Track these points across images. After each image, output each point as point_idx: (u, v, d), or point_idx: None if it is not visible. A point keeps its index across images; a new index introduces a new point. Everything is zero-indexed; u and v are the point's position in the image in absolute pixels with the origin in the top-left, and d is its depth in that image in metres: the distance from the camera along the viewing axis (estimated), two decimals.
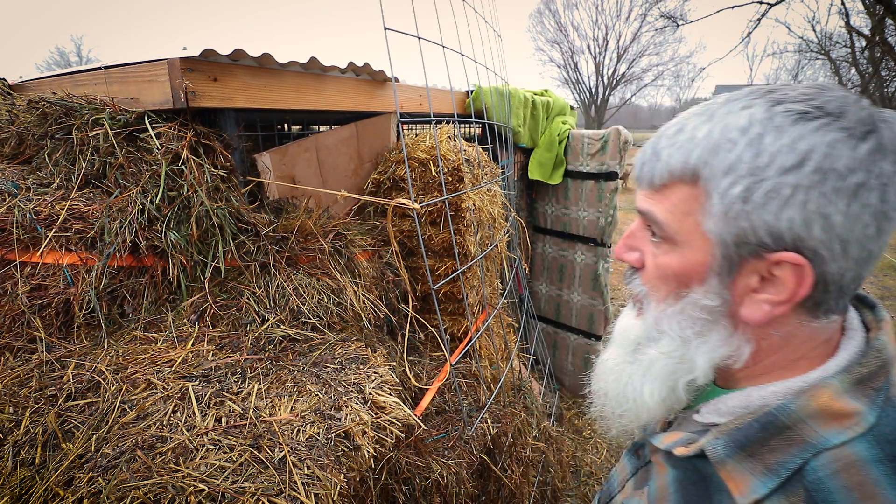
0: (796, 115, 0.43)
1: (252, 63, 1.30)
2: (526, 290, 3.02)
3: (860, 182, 0.41)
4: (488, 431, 1.61)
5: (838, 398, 0.45)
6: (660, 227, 0.52)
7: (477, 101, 2.45)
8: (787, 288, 0.45)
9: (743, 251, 0.47)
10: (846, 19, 14.25)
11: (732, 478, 0.47)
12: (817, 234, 0.43)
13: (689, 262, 0.50)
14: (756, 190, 0.44)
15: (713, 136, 0.46)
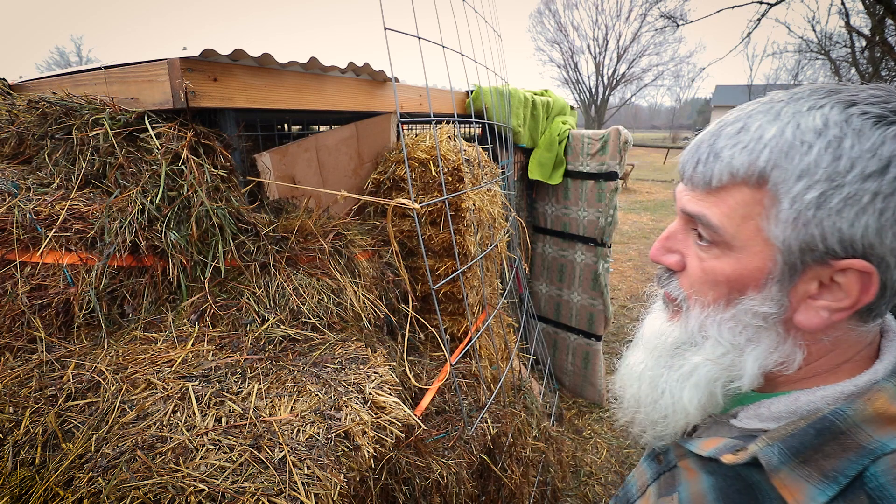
0: (875, 119, 0.42)
1: (252, 63, 1.30)
2: (526, 290, 3.02)
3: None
4: (488, 431, 1.61)
5: (893, 402, 0.44)
6: (714, 230, 0.49)
7: (477, 101, 2.45)
8: (850, 295, 0.44)
9: (808, 258, 0.45)
10: (846, 19, 14.25)
11: (786, 486, 0.45)
12: (889, 243, 0.42)
13: (745, 267, 0.48)
14: (833, 196, 0.42)
15: (785, 137, 0.44)
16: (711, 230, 0.50)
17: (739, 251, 0.48)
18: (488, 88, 2.39)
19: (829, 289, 0.46)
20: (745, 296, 0.49)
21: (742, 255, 0.48)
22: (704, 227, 0.50)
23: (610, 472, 2.68)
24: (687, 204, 0.52)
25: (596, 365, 3.25)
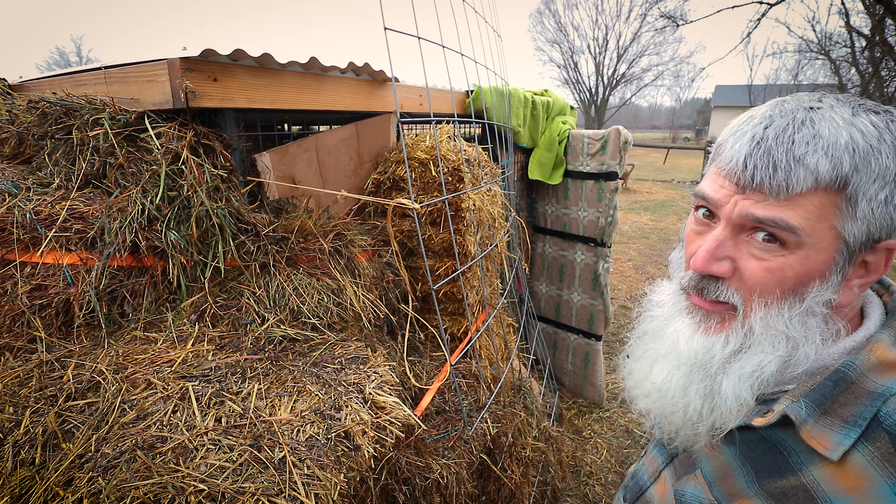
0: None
1: (252, 63, 1.30)
2: (526, 290, 3.02)
3: None
4: (488, 431, 1.62)
5: (891, 349, 0.51)
6: (792, 232, 0.51)
7: (477, 101, 2.45)
8: (878, 270, 0.52)
9: (863, 246, 0.51)
10: (846, 19, 14.25)
11: (814, 437, 0.50)
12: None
13: (813, 261, 0.51)
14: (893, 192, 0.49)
15: (860, 144, 0.48)
16: (789, 232, 0.51)
17: (808, 248, 0.51)
18: (488, 88, 2.39)
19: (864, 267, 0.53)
20: (810, 287, 0.53)
21: (810, 251, 0.51)
22: (781, 229, 0.51)
23: (610, 472, 2.68)
24: (756, 210, 0.52)
25: (596, 365, 3.25)
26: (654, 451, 0.73)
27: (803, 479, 0.51)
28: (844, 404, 0.50)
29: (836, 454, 0.48)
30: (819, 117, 0.49)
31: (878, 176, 0.48)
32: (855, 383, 0.50)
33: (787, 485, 0.51)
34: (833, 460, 0.48)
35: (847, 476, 0.48)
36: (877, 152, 0.47)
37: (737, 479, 0.56)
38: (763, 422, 0.54)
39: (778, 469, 0.53)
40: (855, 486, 0.47)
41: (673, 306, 0.65)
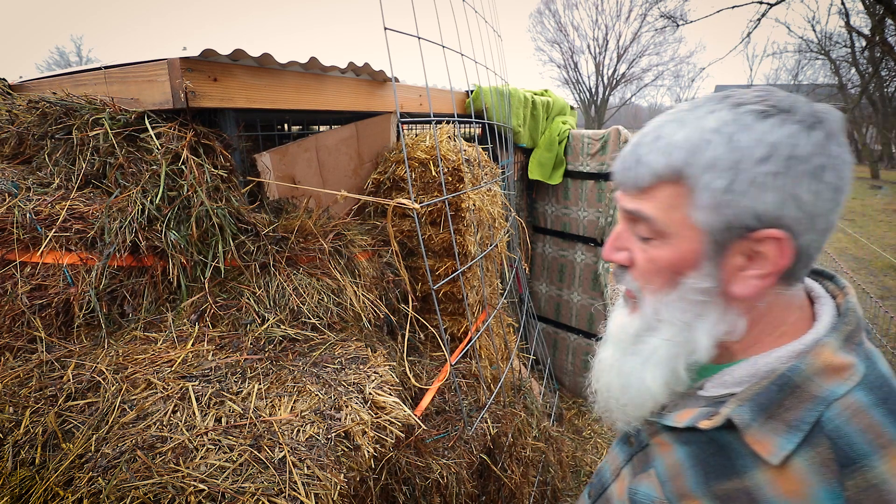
0: (757, 114, 0.50)
1: (252, 63, 1.30)
2: (526, 290, 3.02)
3: (821, 164, 0.48)
4: (488, 431, 1.62)
5: (836, 354, 0.51)
6: (650, 223, 0.56)
7: (477, 101, 2.45)
8: (771, 261, 0.51)
9: (730, 234, 0.52)
10: (846, 19, 14.24)
11: (758, 440, 0.51)
12: (792, 212, 0.49)
13: (681, 251, 0.55)
14: (737, 181, 0.50)
15: (691, 139, 0.52)
16: (649, 223, 0.56)
17: (674, 238, 0.55)
18: (488, 88, 2.39)
19: (755, 260, 0.53)
20: (685, 276, 0.56)
21: (676, 241, 0.55)
22: (643, 221, 0.57)
23: None
24: (625, 203, 0.59)
25: None
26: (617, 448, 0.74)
27: (747, 482, 0.51)
28: (790, 408, 0.50)
29: (776, 459, 0.49)
30: (671, 120, 0.55)
31: (709, 166, 0.50)
32: (800, 387, 0.50)
33: (732, 487, 0.52)
34: (774, 465, 0.49)
35: (788, 481, 0.48)
36: (706, 143, 0.50)
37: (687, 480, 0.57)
38: (709, 424, 0.55)
39: (724, 471, 0.54)
40: (794, 491, 0.48)
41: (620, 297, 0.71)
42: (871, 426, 0.47)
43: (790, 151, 0.48)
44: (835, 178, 0.49)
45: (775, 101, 0.50)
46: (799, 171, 0.48)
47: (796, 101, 0.51)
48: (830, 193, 0.49)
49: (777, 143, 0.48)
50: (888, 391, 0.49)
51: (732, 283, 0.54)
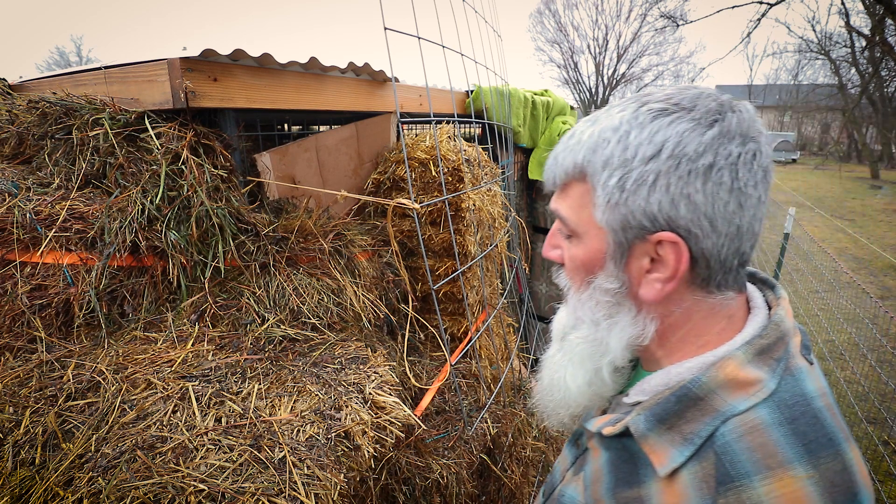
0: (655, 113, 0.49)
1: (252, 63, 1.30)
2: (526, 290, 3.02)
3: (709, 163, 0.47)
4: (488, 431, 1.62)
5: (742, 368, 0.49)
6: (565, 222, 0.57)
7: (477, 101, 2.45)
8: (670, 265, 0.50)
9: (629, 235, 0.52)
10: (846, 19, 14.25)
11: (654, 451, 0.50)
12: (684, 213, 0.48)
13: (590, 250, 0.55)
14: (628, 179, 0.49)
15: (593, 137, 0.52)
16: (563, 222, 0.58)
17: (584, 237, 0.56)
18: (488, 88, 2.39)
19: (658, 263, 0.52)
20: (595, 276, 0.56)
21: (586, 240, 0.56)
22: (560, 220, 0.58)
23: None
24: (551, 203, 0.60)
25: None
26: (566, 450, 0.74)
27: (642, 491, 0.51)
28: (690, 420, 0.49)
29: (665, 470, 0.48)
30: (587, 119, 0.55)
31: (605, 163, 0.51)
32: (703, 400, 0.49)
33: (631, 496, 0.52)
34: (662, 476, 0.48)
35: (672, 494, 0.47)
36: (605, 142, 0.51)
37: (602, 485, 0.57)
38: (611, 431, 0.55)
39: (629, 479, 0.53)
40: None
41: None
42: (763, 445, 0.44)
43: (676, 150, 0.47)
44: (729, 179, 0.47)
45: (679, 100, 0.50)
46: (686, 171, 0.47)
47: (705, 98, 0.50)
48: (727, 194, 0.47)
49: (664, 141, 0.48)
50: (800, 412, 0.46)
51: (639, 285, 0.54)
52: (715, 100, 0.49)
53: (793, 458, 0.43)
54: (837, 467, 0.43)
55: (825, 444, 0.44)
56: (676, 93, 0.51)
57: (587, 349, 0.60)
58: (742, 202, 0.48)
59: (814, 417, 0.46)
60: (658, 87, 0.55)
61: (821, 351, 3.84)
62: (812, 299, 4.75)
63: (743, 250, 0.51)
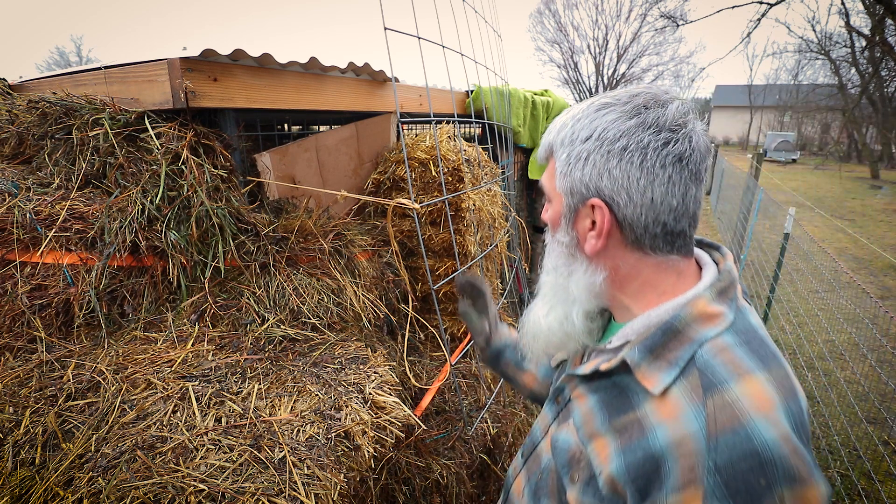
0: (599, 106, 0.64)
1: (252, 63, 1.30)
2: (526, 290, 3.02)
3: (623, 146, 0.61)
4: (488, 431, 1.62)
5: (710, 304, 0.62)
6: (543, 189, 0.71)
7: (477, 101, 2.45)
8: (599, 224, 0.64)
9: (575, 200, 0.66)
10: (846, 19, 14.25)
11: (646, 377, 0.61)
12: (606, 184, 0.62)
13: (555, 212, 0.70)
14: (571, 155, 0.64)
15: (559, 123, 0.68)
16: (543, 189, 0.72)
17: (553, 201, 0.70)
18: (488, 88, 2.39)
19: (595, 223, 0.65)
20: (557, 232, 0.71)
21: (554, 203, 0.70)
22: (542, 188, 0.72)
23: None
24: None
25: None
26: (546, 408, 0.82)
27: (638, 413, 0.61)
28: (672, 349, 0.60)
29: (658, 389, 0.59)
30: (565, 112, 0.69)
31: (561, 142, 0.66)
32: (681, 332, 0.61)
33: (627, 420, 0.62)
34: (656, 395, 0.59)
35: (666, 406, 0.58)
36: (564, 126, 0.66)
37: (595, 422, 0.66)
38: (608, 366, 0.66)
39: (623, 407, 0.63)
40: (670, 414, 0.58)
41: None
42: (732, 360, 0.58)
43: (602, 135, 0.62)
44: (639, 160, 0.60)
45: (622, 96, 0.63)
46: (605, 151, 0.61)
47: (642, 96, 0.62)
48: (637, 172, 0.61)
49: (595, 127, 0.62)
50: (751, 336, 0.60)
51: (584, 242, 0.67)
52: (651, 97, 0.62)
53: (753, 367, 0.57)
54: (782, 373, 0.58)
55: (771, 357, 0.59)
56: (625, 92, 0.64)
57: (555, 293, 0.74)
58: (651, 179, 0.61)
59: (761, 340, 0.61)
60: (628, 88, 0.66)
61: (821, 351, 3.83)
62: (812, 299, 4.74)
63: (663, 220, 0.63)
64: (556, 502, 0.72)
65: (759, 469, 0.52)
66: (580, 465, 0.67)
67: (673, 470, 0.55)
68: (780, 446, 0.52)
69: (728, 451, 0.53)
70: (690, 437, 0.55)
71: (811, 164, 21.62)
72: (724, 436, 0.53)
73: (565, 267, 0.71)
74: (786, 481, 0.51)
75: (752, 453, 0.52)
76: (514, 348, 1.14)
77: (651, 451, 0.58)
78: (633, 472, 0.58)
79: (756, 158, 6.76)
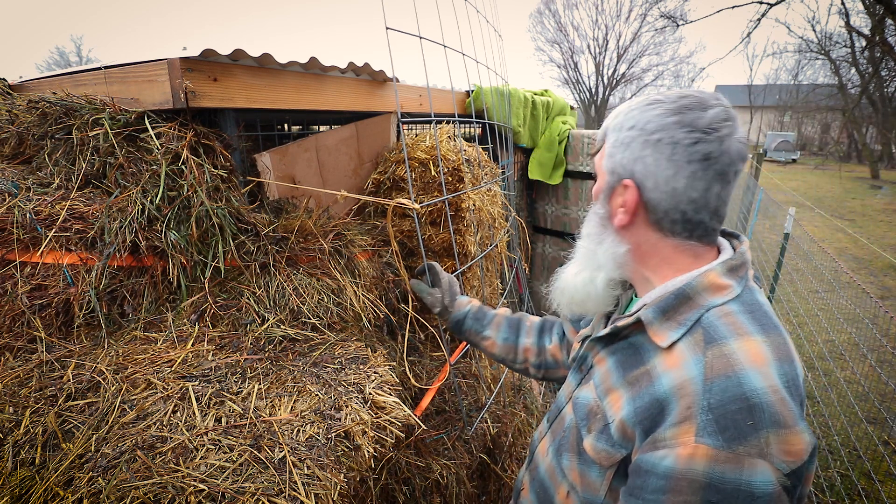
0: (649, 102, 0.72)
1: (252, 63, 1.30)
2: (526, 290, 3.02)
3: (658, 139, 0.69)
4: (488, 431, 1.62)
5: (720, 277, 0.70)
6: (595, 166, 0.82)
7: (477, 100, 2.45)
8: (627, 202, 0.73)
9: (613, 179, 0.75)
10: (846, 19, 14.25)
11: (657, 334, 0.70)
12: (640, 169, 0.71)
13: (598, 187, 0.80)
14: (617, 140, 0.74)
15: (617, 111, 0.77)
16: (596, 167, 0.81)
17: (598, 178, 0.80)
18: (488, 88, 2.39)
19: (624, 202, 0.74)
20: (595, 203, 0.81)
21: (598, 179, 0.80)
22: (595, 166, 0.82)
23: None
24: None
25: None
26: (570, 376, 0.90)
27: (647, 366, 0.70)
28: (682, 312, 0.69)
29: (666, 343, 0.68)
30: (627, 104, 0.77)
31: (612, 129, 0.75)
32: (692, 298, 0.69)
33: (639, 372, 0.70)
34: (664, 347, 0.68)
35: (671, 358, 0.67)
36: (619, 115, 0.75)
37: (612, 377, 0.75)
38: (625, 322, 0.74)
39: (635, 363, 0.72)
40: (675, 363, 0.66)
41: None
42: (734, 323, 0.66)
43: (643, 126, 0.70)
44: (669, 152, 0.68)
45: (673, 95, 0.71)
46: (643, 141, 0.70)
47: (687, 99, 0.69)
48: (665, 163, 0.68)
49: (639, 119, 0.71)
50: (756, 308, 0.68)
51: (615, 216, 0.76)
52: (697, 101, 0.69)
53: (753, 331, 0.65)
54: (780, 340, 0.65)
55: (772, 327, 0.66)
56: (678, 93, 0.71)
57: (586, 258, 0.83)
58: (676, 171, 0.68)
59: (765, 313, 0.68)
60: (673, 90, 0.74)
61: (821, 351, 3.83)
62: (812, 299, 4.74)
63: (682, 209, 0.70)
64: (576, 454, 0.79)
65: (746, 411, 0.58)
66: (596, 416, 0.75)
67: (673, 409, 0.63)
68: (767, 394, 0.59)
69: (720, 393, 0.60)
70: (690, 380, 0.63)
71: (811, 164, 21.61)
72: (718, 380, 0.61)
73: (597, 235, 0.80)
74: (772, 425, 0.57)
75: (741, 397, 0.59)
76: (473, 318, 1.27)
77: (657, 396, 0.65)
78: (640, 414, 0.66)
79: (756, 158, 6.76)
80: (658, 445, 0.62)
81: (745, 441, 0.57)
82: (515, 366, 1.23)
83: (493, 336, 1.23)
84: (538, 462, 0.92)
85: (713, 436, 0.58)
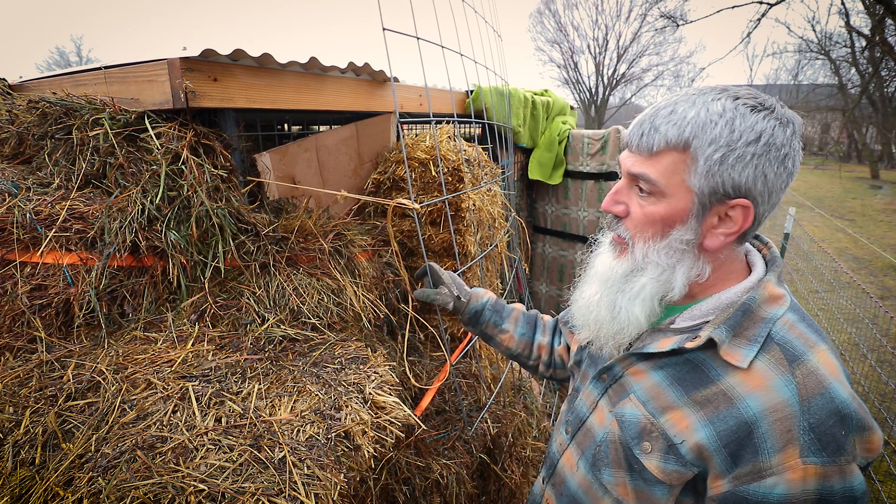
0: (751, 107, 0.65)
1: (252, 63, 1.30)
2: (526, 290, 3.02)
3: (786, 153, 0.65)
4: (488, 431, 1.62)
5: (776, 287, 0.70)
6: (652, 183, 0.69)
7: (477, 101, 2.45)
8: (737, 224, 0.68)
9: (713, 199, 0.67)
10: (846, 19, 14.25)
11: (728, 353, 0.67)
12: (759, 187, 0.65)
13: (674, 209, 0.69)
14: (729, 156, 0.64)
15: (701, 117, 0.65)
16: (651, 184, 0.69)
17: (670, 198, 0.69)
18: (488, 88, 2.39)
19: (724, 221, 0.69)
20: (674, 229, 0.71)
21: (671, 200, 0.69)
22: (646, 181, 0.70)
23: None
24: (632, 167, 0.71)
25: None
26: (591, 386, 0.87)
27: (721, 386, 0.67)
28: (748, 328, 0.67)
29: (745, 363, 0.66)
30: (683, 100, 0.67)
31: (712, 141, 0.64)
32: (755, 312, 0.68)
33: (710, 392, 0.68)
34: (743, 368, 0.66)
35: (753, 379, 0.65)
36: (713, 124, 0.64)
37: (668, 396, 0.72)
38: (693, 344, 0.70)
39: (701, 382, 0.69)
40: (760, 384, 0.64)
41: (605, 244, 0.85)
42: (802, 334, 0.66)
43: (769, 140, 0.63)
44: (792, 166, 0.66)
45: (762, 100, 0.65)
46: (772, 157, 0.64)
47: (773, 102, 0.66)
48: (786, 177, 0.66)
49: (762, 131, 0.63)
50: (804, 314, 0.70)
51: (706, 237, 0.70)
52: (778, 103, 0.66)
53: (817, 340, 0.66)
54: (830, 342, 0.67)
55: (821, 331, 0.68)
56: (755, 93, 0.66)
57: (655, 288, 0.74)
58: (789, 182, 0.67)
59: (809, 317, 0.70)
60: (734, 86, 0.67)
61: None
62: (812, 299, 4.74)
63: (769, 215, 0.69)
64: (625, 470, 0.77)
65: (840, 423, 0.60)
66: (652, 435, 0.73)
67: (768, 434, 0.62)
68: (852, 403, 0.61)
69: (819, 411, 0.61)
70: (784, 403, 0.62)
71: (811, 164, 21.61)
72: (814, 399, 0.61)
73: (677, 262, 0.72)
74: (857, 430, 0.61)
75: (835, 411, 0.61)
76: (492, 309, 1.21)
77: (743, 419, 0.64)
78: (724, 438, 0.65)
79: None
80: (764, 474, 0.62)
81: (843, 451, 0.60)
82: (528, 362, 1.20)
83: (511, 330, 1.19)
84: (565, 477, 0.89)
85: (818, 453, 0.60)
